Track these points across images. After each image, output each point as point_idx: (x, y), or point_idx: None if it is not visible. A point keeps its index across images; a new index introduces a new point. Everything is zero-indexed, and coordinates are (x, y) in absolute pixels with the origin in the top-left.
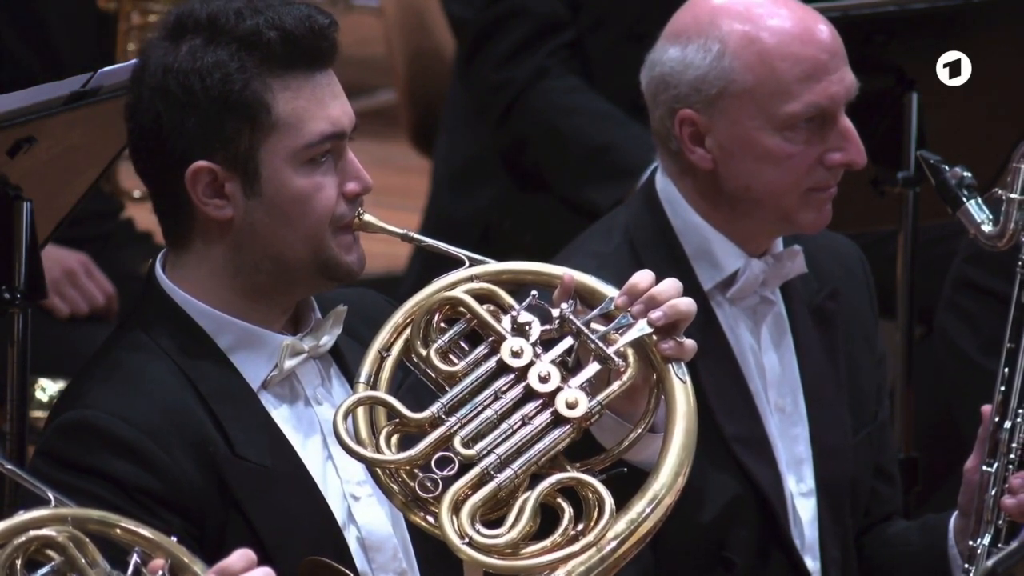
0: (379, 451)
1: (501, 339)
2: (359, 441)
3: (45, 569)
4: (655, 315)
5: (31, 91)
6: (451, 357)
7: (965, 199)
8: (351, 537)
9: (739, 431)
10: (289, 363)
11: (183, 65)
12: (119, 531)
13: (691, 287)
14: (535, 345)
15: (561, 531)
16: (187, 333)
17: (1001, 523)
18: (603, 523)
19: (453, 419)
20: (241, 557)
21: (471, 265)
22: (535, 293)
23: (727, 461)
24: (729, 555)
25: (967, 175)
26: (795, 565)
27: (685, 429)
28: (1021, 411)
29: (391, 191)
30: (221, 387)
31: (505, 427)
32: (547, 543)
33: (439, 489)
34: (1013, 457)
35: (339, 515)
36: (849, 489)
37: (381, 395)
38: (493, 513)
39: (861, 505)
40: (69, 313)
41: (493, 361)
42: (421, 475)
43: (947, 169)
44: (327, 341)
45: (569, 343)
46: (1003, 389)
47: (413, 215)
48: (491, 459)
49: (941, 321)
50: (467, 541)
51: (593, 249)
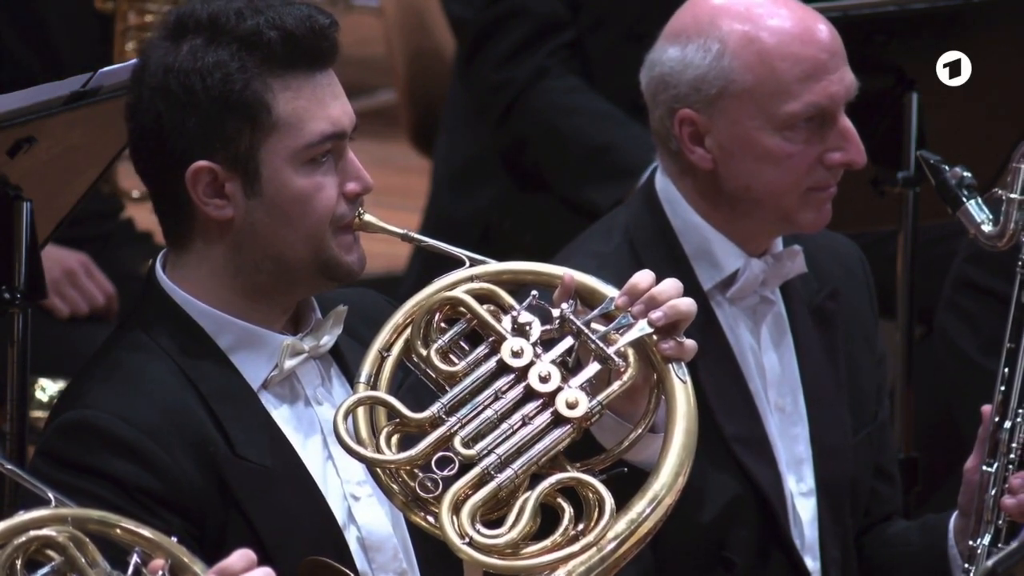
0: (379, 451)
1: (501, 339)
2: (359, 441)
3: (45, 569)
4: (655, 315)
5: (31, 91)
6: (451, 357)
7: (965, 199)
8: (351, 537)
9: (739, 431)
10: (289, 363)
11: (184, 65)
12: (119, 531)
13: (691, 287)
14: (535, 345)
15: (561, 531)
16: (187, 333)
17: (1001, 523)
18: (603, 523)
19: (453, 419)
20: (241, 557)
21: (471, 265)
22: (535, 293)
23: (727, 461)
24: (729, 555)
25: (967, 175)
26: (795, 565)
27: (685, 429)
28: (1021, 411)
29: (391, 191)
30: (221, 387)
31: (505, 427)
32: (547, 543)
33: (439, 489)
34: (1013, 457)
35: (339, 515)
36: (849, 489)
37: (381, 395)
38: (493, 513)
39: (861, 505)
40: (69, 313)
41: (493, 361)
42: (421, 475)
43: (947, 169)
44: (327, 341)
45: (569, 343)
46: (1003, 389)
47: (413, 215)
48: (491, 459)
49: (941, 321)
50: (467, 541)
51: (593, 249)
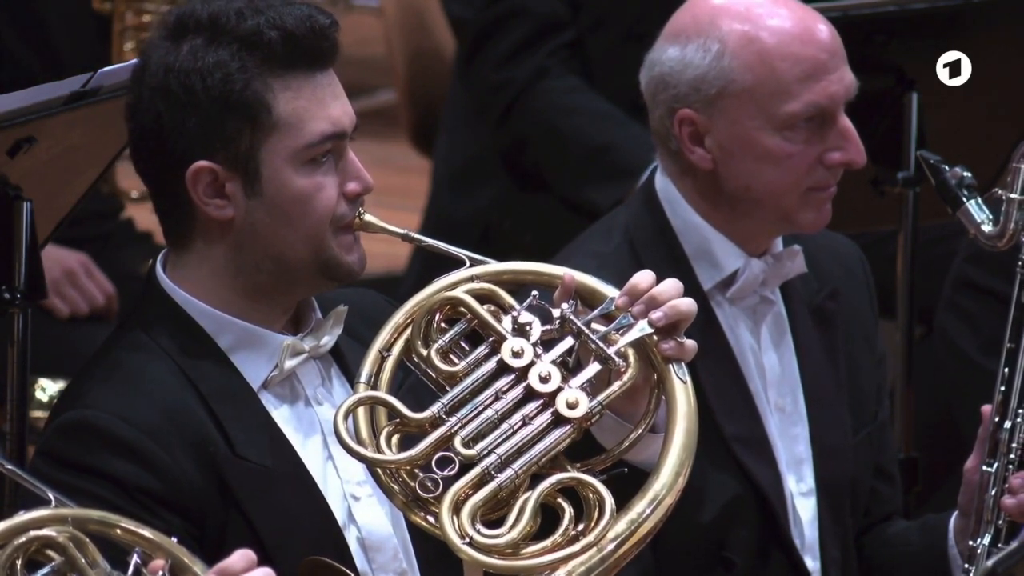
0: (380, 451)
1: (502, 339)
2: (360, 441)
3: (45, 569)
4: (656, 315)
5: (31, 91)
6: (452, 357)
7: (965, 199)
8: (351, 537)
9: (739, 431)
10: (289, 363)
11: (184, 65)
12: (119, 531)
13: (691, 287)
14: (536, 345)
15: (561, 531)
16: (187, 333)
17: (1001, 523)
18: (604, 523)
19: (454, 419)
20: (241, 557)
21: (472, 265)
22: (536, 293)
23: (727, 461)
24: (729, 555)
25: (967, 175)
26: (795, 565)
27: (686, 429)
28: (1021, 411)
29: (391, 191)
30: (221, 387)
31: (506, 427)
32: (547, 543)
33: (439, 489)
34: (1013, 457)
35: (339, 515)
36: (849, 489)
37: (382, 395)
38: (494, 513)
39: (861, 505)
40: (69, 313)
41: (494, 361)
42: (422, 475)
43: (947, 169)
44: (327, 341)
45: (570, 343)
46: (1003, 389)
47: (413, 215)
48: (492, 459)
49: (941, 321)
50: (468, 541)
51: (593, 249)
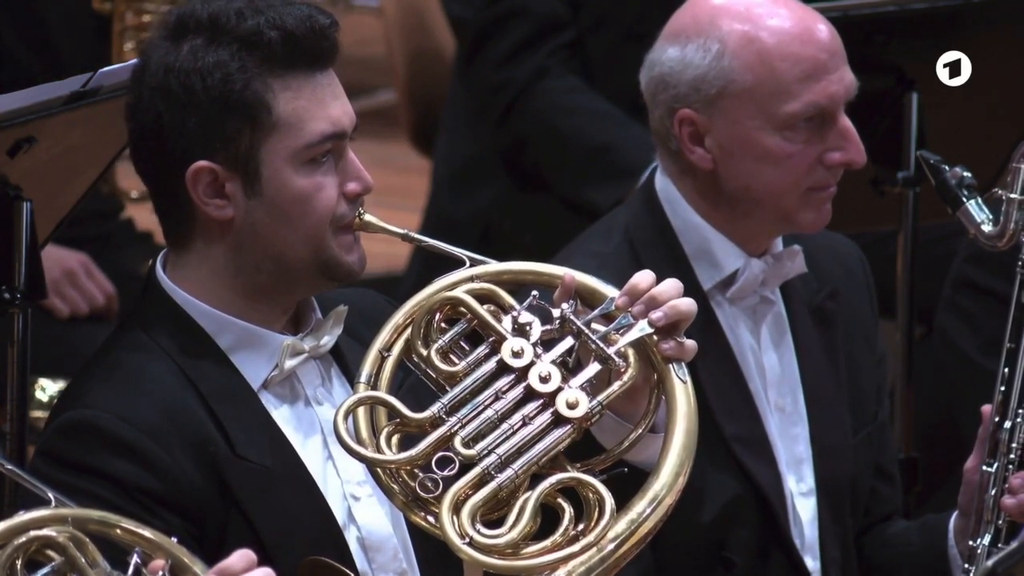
0: (380, 451)
1: (502, 339)
2: (360, 441)
3: (45, 569)
4: (656, 315)
5: (31, 91)
6: (452, 357)
7: (965, 199)
8: (351, 537)
9: (739, 431)
10: (290, 363)
11: (184, 65)
12: (119, 531)
13: (691, 287)
14: (536, 345)
15: (562, 531)
16: (187, 333)
17: (1001, 523)
18: (603, 523)
19: (454, 419)
20: (241, 558)
21: (472, 265)
22: (536, 293)
23: (727, 461)
24: (729, 555)
25: (967, 175)
26: (795, 565)
27: (686, 429)
28: (1021, 411)
29: (391, 191)
30: (221, 387)
31: (506, 427)
32: (547, 543)
33: (440, 489)
34: (1013, 457)
35: (339, 515)
36: (849, 489)
37: (382, 395)
38: (494, 513)
39: (861, 505)
40: (69, 313)
41: (494, 361)
42: (422, 475)
43: (947, 169)
44: (327, 341)
45: (570, 343)
46: (1003, 389)
47: (413, 215)
48: (492, 459)
49: (941, 321)
50: (468, 541)
51: (593, 249)
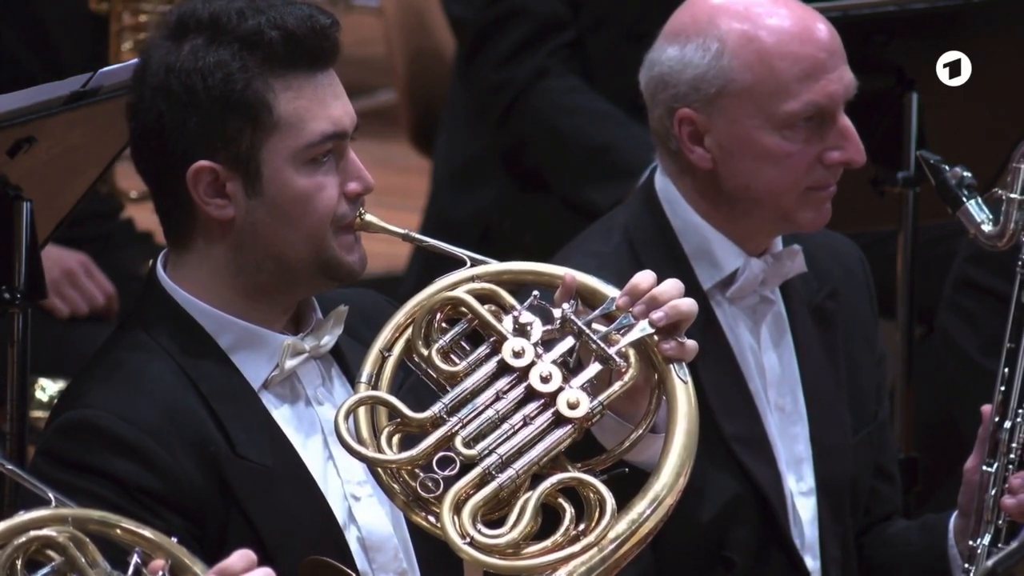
0: (380, 451)
1: (502, 339)
2: (360, 441)
3: (45, 569)
4: (656, 315)
5: (31, 91)
6: (452, 357)
7: (965, 199)
8: (352, 537)
9: (739, 431)
10: (290, 363)
11: (185, 65)
12: (119, 531)
13: (691, 287)
14: (536, 345)
15: (562, 531)
16: (188, 333)
17: (1001, 523)
18: (604, 523)
19: (454, 419)
20: (241, 557)
21: (472, 265)
22: (536, 293)
23: (727, 461)
24: (729, 555)
25: (967, 175)
26: (795, 564)
27: (686, 429)
28: (1021, 411)
29: (391, 191)
30: (222, 387)
31: (506, 427)
32: (548, 543)
33: (440, 489)
34: (1013, 457)
35: (340, 515)
36: (849, 488)
37: (382, 395)
38: (494, 513)
39: (861, 505)
40: (69, 313)
41: (494, 361)
42: (422, 475)
43: (947, 169)
44: (328, 341)
45: (570, 343)
46: (1003, 389)
47: (413, 215)
48: (492, 459)
49: (941, 321)
50: (468, 541)
51: (593, 249)
